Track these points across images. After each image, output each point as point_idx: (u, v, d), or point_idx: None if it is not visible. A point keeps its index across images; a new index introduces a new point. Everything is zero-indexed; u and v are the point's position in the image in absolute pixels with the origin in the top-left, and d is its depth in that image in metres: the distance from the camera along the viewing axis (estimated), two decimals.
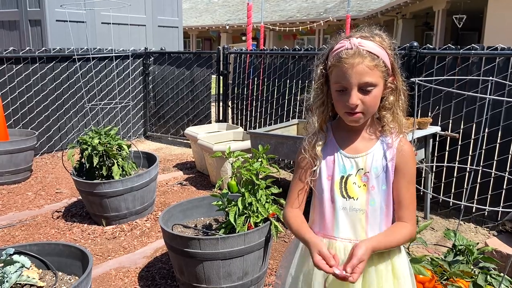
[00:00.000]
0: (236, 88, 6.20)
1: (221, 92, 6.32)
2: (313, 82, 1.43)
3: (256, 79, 5.91)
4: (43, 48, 6.08)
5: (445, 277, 1.97)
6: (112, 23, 7.37)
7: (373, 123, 1.42)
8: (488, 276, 1.92)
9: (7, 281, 1.98)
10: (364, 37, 1.32)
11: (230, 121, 6.36)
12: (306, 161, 1.43)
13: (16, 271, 2.03)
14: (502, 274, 1.94)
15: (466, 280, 1.93)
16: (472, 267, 2.04)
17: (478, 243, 2.28)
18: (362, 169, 1.38)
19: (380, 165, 1.38)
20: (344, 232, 1.38)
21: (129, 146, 3.90)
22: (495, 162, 3.67)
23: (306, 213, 1.49)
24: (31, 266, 2.18)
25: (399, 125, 1.39)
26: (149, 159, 4.26)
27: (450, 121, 3.94)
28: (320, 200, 1.41)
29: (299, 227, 1.42)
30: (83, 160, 3.72)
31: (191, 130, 5.38)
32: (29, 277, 2.08)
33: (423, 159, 3.92)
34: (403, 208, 1.38)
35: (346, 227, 1.38)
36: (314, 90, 1.42)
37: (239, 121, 6.19)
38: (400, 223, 1.38)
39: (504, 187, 3.64)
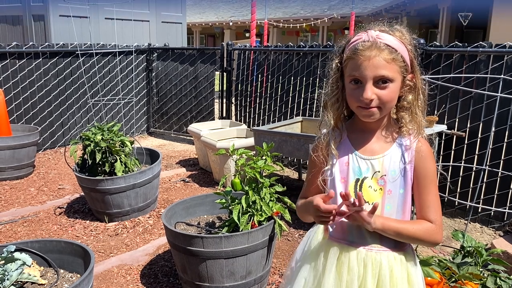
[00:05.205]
0: (239, 84, 6.17)
1: (224, 88, 6.28)
2: (326, 78, 1.37)
3: (260, 75, 5.87)
4: (46, 43, 6.05)
5: (454, 280, 1.93)
6: (116, 19, 7.34)
7: (389, 123, 1.35)
8: (498, 279, 1.88)
9: (7, 279, 1.95)
10: (383, 31, 1.27)
11: (233, 118, 6.32)
12: (319, 160, 1.37)
13: (17, 269, 2.00)
14: None
15: (475, 282, 1.89)
16: (481, 269, 2.00)
17: (487, 244, 2.24)
18: (379, 171, 1.31)
19: (398, 168, 1.30)
20: (358, 237, 1.32)
21: (132, 143, 3.87)
22: (502, 161, 3.63)
23: None
24: (32, 264, 2.16)
25: (418, 126, 1.31)
26: (152, 156, 4.23)
27: (457, 119, 3.89)
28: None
29: (304, 201, 1.41)
30: (85, 156, 3.70)
31: (194, 126, 5.34)
32: (30, 275, 2.06)
33: None
34: (426, 210, 1.31)
35: (360, 232, 1.32)
36: (330, 85, 1.35)
37: (243, 118, 6.16)
38: (423, 220, 1.31)
39: (511, 187, 3.60)
